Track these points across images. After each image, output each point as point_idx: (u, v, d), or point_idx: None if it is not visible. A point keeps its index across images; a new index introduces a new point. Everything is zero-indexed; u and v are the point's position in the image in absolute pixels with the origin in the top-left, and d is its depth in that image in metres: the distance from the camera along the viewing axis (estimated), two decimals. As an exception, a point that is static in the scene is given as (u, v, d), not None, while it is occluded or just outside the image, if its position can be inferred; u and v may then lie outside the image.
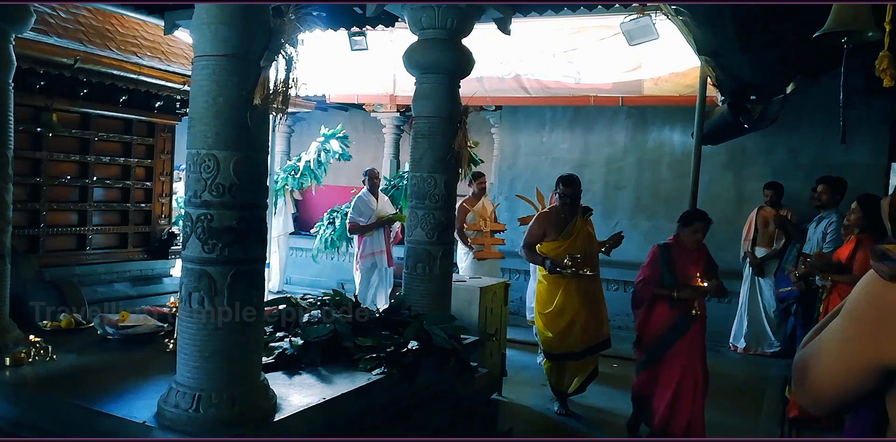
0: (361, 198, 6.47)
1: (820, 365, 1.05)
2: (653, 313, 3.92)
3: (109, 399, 2.46)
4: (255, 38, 2.23)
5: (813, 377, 1.06)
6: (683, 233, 3.92)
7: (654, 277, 3.89)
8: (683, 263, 3.87)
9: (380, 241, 6.48)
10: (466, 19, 3.55)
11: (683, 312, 3.83)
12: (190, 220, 2.24)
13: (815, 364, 1.06)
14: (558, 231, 4.42)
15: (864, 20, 2.85)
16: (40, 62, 4.04)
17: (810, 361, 1.07)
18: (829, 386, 1.04)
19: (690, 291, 3.79)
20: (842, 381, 1.02)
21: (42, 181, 4.57)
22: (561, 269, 4.27)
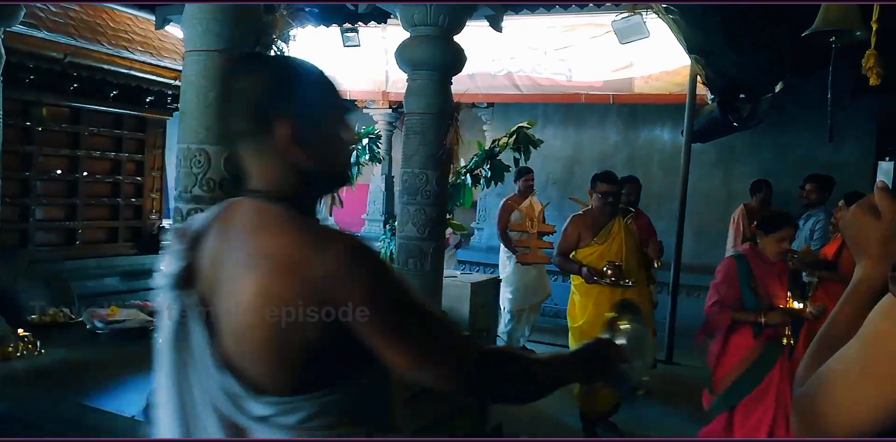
0: None
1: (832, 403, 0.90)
2: (730, 344, 3.16)
3: (99, 394, 2.47)
4: (246, 33, 2.24)
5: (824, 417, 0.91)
6: (766, 242, 3.18)
7: (732, 299, 3.12)
8: (766, 280, 3.14)
9: None
10: (458, 16, 3.56)
11: (771, 341, 3.11)
12: (181, 214, 2.24)
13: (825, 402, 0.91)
14: (593, 235, 3.93)
15: (853, 19, 2.89)
16: (30, 56, 4.02)
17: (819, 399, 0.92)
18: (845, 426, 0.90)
19: (781, 314, 3.04)
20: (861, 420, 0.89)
21: (32, 176, 4.55)
22: (599, 277, 3.79)
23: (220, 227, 1.12)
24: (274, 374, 1.04)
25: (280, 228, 1.05)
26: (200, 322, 1.08)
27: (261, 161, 1.10)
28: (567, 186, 7.48)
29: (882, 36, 2.54)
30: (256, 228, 1.06)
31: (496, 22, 3.90)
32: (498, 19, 3.89)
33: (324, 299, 1.01)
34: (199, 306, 1.09)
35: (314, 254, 1.01)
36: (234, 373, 1.05)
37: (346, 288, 1.00)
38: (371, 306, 1.01)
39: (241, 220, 1.09)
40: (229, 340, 1.06)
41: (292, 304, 1.01)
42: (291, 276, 1.01)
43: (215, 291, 1.08)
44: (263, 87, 1.07)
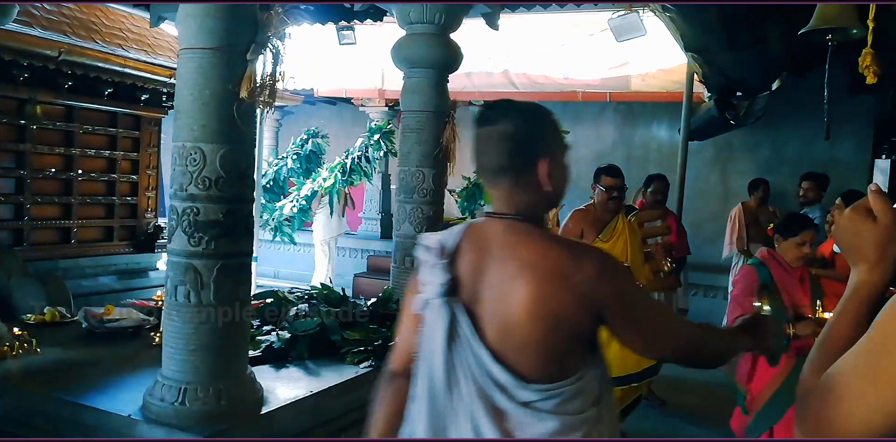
0: None
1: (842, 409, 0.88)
2: (760, 360, 2.92)
3: (94, 393, 2.46)
4: (241, 30, 2.22)
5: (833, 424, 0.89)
6: (785, 246, 3.00)
7: None
8: (789, 287, 2.92)
9: None
10: (455, 14, 3.55)
11: (801, 353, 2.73)
12: (176, 213, 2.23)
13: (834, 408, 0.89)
14: (596, 232, 3.71)
15: (849, 18, 2.89)
16: (24, 54, 3.99)
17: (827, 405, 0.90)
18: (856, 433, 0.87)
19: (812, 324, 2.75)
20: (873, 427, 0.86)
21: (26, 174, 4.52)
22: None
23: (472, 244, 1.34)
24: (542, 364, 1.25)
25: (541, 242, 1.30)
26: (468, 323, 1.28)
27: (515, 190, 1.33)
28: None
29: (878, 34, 2.55)
30: (518, 244, 1.30)
31: (492, 20, 3.89)
32: (494, 17, 3.87)
33: (584, 298, 1.25)
34: (465, 310, 1.29)
35: (575, 262, 1.26)
36: (505, 365, 1.24)
37: (604, 288, 1.25)
38: (623, 302, 1.28)
39: (497, 237, 1.32)
40: (500, 338, 1.26)
41: (560, 304, 1.24)
42: (559, 281, 1.24)
43: (479, 297, 1.30)
44: (526, 132, 1.31)
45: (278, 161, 7.86)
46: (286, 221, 7.45)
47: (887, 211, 1.01)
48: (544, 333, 1.24)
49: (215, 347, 2.23)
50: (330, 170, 7.38)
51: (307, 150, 7.70)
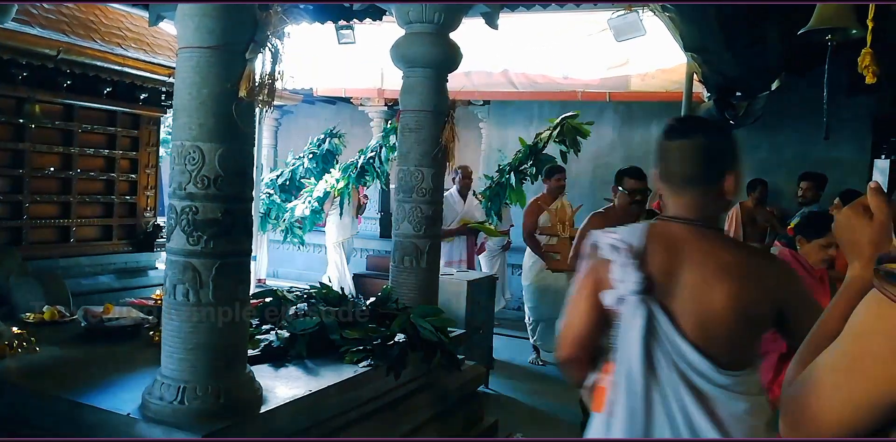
0: (446, 198, 5.24)
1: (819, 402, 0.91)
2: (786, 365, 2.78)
3: (93, 391, 2.46)
4: (240, 30, 2.22)
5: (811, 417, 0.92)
6: (809, 248, 2.89)
7: None
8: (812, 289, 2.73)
9: (460, 249, 5.60)
10: (454, 13, 3.55)
11: None
12: (175, 212, 2.23)
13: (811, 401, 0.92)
14: None
15: (848, 17, 2.89)
16: (23, 53, 3.98)
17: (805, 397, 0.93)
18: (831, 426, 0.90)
19: None
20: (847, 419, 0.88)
21: (25, 173, 4.52)
22: None
23: (660, 246, 1.49)
24: (736, 354, 1.44)
25: (734, 247, 1.52)
26: (666, 319, 1.44)
27: (704, 199, 1.50)
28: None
29: (877, 34, 2.55)
30: (713, 248, 1.48)
31: (492, 19, 3.89)
32: (494, 16, 3.87)
33: (773, 298, 1.46)
34: (660, 307, 1.45)
35: (767, 266, 1.49)
36: (703, 354, 1.42)
37: (788, 290, 1.48)
38: (802, 303, 1.48)
39: (689, 241, 1.49)
40: (699, 330, 1.43)
41: (754, 301, 1.43)
42: (754, 282, 1.45)
43: (673, 295, 1.46)
44: (718, 146, 1.49)
45: (295, 160, 7.71)
46: (297, 222, 7.34)
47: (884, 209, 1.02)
48: (740, 326, 1.43)
49: (214, 346, 2.23)
50: (343, 170, 7.15)
51: (324, 149, 7.57)
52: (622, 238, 1.50)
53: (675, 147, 1.51)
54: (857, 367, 0.87)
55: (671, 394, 1.43)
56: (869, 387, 0.86)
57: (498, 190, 6.18)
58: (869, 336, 0.87)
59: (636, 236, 1.50)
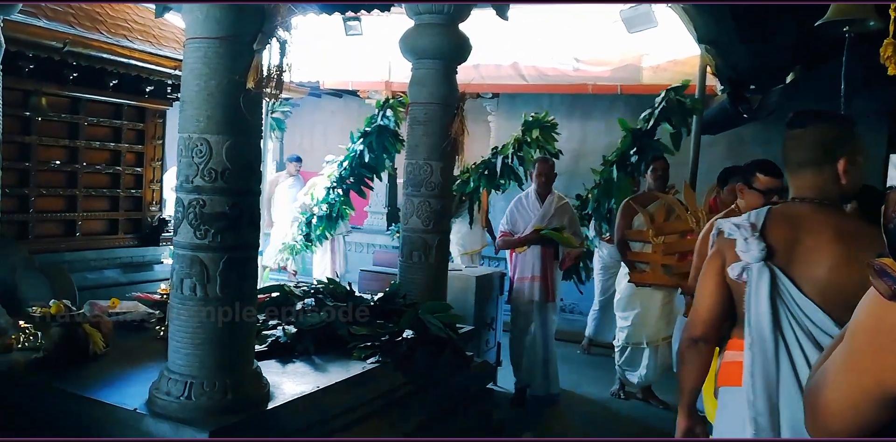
0: (519, 200, 4.59)
1: (826, 397, 0.96)
2: None
3: (100, 386, 2.44)
4: (247, 20, 2.18)
5: (821, 411, 0.97)
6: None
7: None
8: None
9: (534, 262, 4.42)
10: (464, 4, 3.50)
11: None
12: (182, 205, 2.20)
13: (822, 396, 0.97)
14: None
15: (865, 9, 2.83)
16: (29, 45, 3.95)
17: (818, 392, 0.99)
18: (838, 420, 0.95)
19: None
20: (850, 414, 0.93)
21: (31, 166, 4.49)
22: None
23: (779, 221, 1.69)
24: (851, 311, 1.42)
25: (851, 219, 1.70)
26: (788, 280, 1.63)
27: (818, 180, 1.69)
28: (572, 179, 7.39)
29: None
30: (828, 219, 1.65)
31: (502, 10, 3.83)
32: (504, 7, 3.82)
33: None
34: (781, 271, 1.64)
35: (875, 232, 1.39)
36: (825, 310, 1.58)
37: None
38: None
39: (807, 215, 1.68)
40: (818, 289, 1.60)
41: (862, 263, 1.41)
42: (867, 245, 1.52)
43: (794, 260, 1.64)
44: (831, 134, 1.68)
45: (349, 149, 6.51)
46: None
47: None
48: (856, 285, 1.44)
49: (221, 342, 2.20)
50: (474, 170, 5.95)
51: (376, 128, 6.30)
52: (745, 219, 1.72)
53: (792, 135, 1.72)
54: (853, 362, 0.93)
55: (797, 351, 1.59)
56: (864, 381, 0.89)
57: (607, 189, 5.09)
58: (863, 331, 0.92)
59: (757, 216, 1.72)
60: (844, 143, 1.67)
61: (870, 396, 0.89)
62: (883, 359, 0.86)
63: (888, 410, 0.88)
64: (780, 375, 1.61)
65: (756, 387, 1.64)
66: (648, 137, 4.99)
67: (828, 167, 1.67)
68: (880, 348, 0.87)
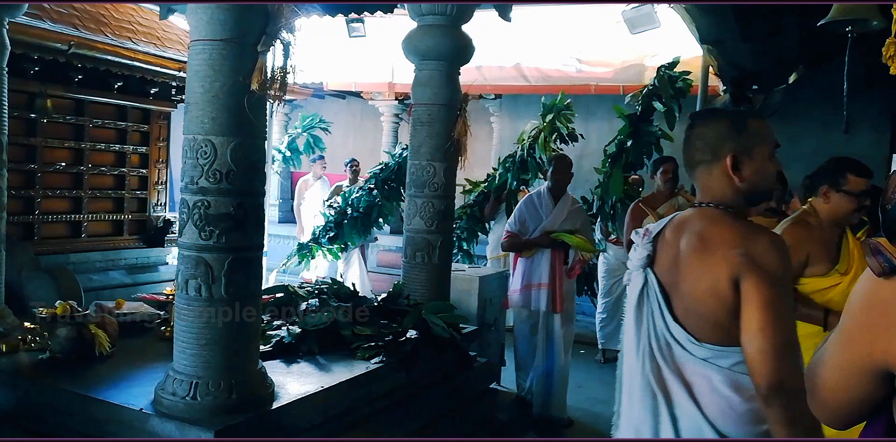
0: (530, 198, 4.19)
1: (825, 372, 1.00)
2: None
3: (106, 386, 2.45)
4: (251, 22, 2.20)
5: (820, 387, 1.01)
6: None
7: None
8: None
9: (542, 267, 4.03)
10: (467, 6, 3.51)
11: None
12: (187, 206, 2.21)
13: (821, 372, 1.01)
14: (829, 256, 2.53)
15: (868, 8, 2.83)
16: (34, 47, 3.98)
17: (816, 370, 1.03)
18: (835, 394, 0.99)
19: None
20: (844, 387, 0.97)
21: (36, 168, 4.52)
22: None
23: (672, 227, 1.60)
24: (709, 328, 1.47)
25: (721, 222, 1.51)
26: (657, 287, 1.56)
27: (707, 181, 1.58)
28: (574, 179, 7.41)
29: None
30: (702, 225, 1.53)
31: (505, 11, 3.84)
32: (507, 9, 3.83)
33: (732, 273, 1.41)
34: (655, 277, 1.58)
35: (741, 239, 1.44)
36: (683, 325, 1.50)
37: (749, 268, 1.40)
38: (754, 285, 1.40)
39: (694, 220, 1.56)
40: (680, 302, 1.52)
41: (716, 276, 1.43)
42: (722, 253, 1.44)
43: (671, 269, 1.56)
44: (712, 131, 1.56)
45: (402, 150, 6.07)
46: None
47: None
48: (709, 301, 1.45)
49: (226, 342, 2.21)
50: (501, 163, 5.63)
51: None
52: (651, 226, 1.65)
53: (686, 136, 1.62)
54: (847, 337, 0.96)
55: (646, 357, 1.54)
56: (856, 355, 0.93)
57: (607, 185, 4.75)
58: (856, 308, 0.95)
59: (661, 222, 1.65)
60: (730, 139, 1.53)
61: (861, 369, 0.91)
62: (873, 332, 0.89)
63: (878, 385, 0.91)
64: (640, 380, 1.58)
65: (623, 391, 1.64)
66: (643, 121, 4.71)
67: (717, 167, 1.54)
68: (871, 323, 0.90)
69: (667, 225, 1.63)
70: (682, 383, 1.49)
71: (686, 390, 1.48)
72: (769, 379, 1.34)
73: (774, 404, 1.34)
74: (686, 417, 1.48)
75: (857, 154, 6.57)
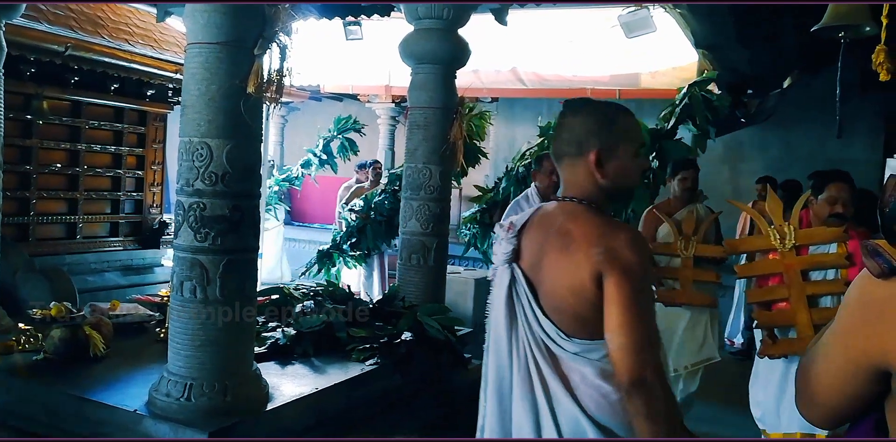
0: (518, 202, 4.08)
1: (817, 370, 1.00)
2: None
3: (100, 387, 2.45)
4: (248, 25, 2.21)
5: (812, 384, 1.01)
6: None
7: None
8: None
9: None
10: (463, 9, 3.53)
11: None
12: (182, 208, 2.22)
13: (812, 370, 1.01)
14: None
15: (861, 14, 2.85)
16: (31, 49, 3.99)
17: (809, 367, 1.03)
18: (827, 392, 0.98)
19: None
20: (838, 385, 0.96)
21: (32, 169, 4.53)
22: None
23: (537, 222, 1.58)
24: (579, 323, 1.47)
25: (582, 218, 1.50)
26: (525, 284, 1.54)
27: (572, 176, 1.56)
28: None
29: (892, 31, 2.51)
30: (564, 219, 1.52)
31: (501, 15, 3.86)
32: (503, 13, 3.85)
33: (595, 269, 1.41)
34: (524, 275, 1.54)
35: (602, 235, 1.44)
36: (553, 320, 1.49)
37: (611, 262, 1.40)
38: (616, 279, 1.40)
39: (556, 215, 1.55)
40: (548, 298, 1.51)
41: (579, 272, 1.43)
42: (583, 250, 1.43)
43: (538, 264, 1.54)
44: (583, 126, 1.52)
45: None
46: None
47: None
48: (574, 296, 1.45)
49: (221, 343, 2.22)
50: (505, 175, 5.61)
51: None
52: (514, 219, 1.62)
53: (556, 126, 1.62)
54: (842, 334, 0.96)
55: (526, 354, 1.52)
56: (851, 352, 0.93)
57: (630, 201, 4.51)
58: (853, 306, 0.96)
59: (524, 216, 1.63)
60: (596, 134, 1.50)
61: (855, 366, 0.92)
62: (869, 330, 0.91)
63: (872, 383, 0.92)
64: (512, 380, 1.55)
65: (488, 389, 1.61)
66: (669, 139, 4.46)
67: (581, 161, 1.52)
68: (867, 321, 0.91)
69: (530, 218, 1.61)
70: (558, 378, 1.48)
71: (563, 385, 1.48)
72: (630, 374, 1.36)
73: (636, 398, 1.36)
74: (564, 413, 1.48)
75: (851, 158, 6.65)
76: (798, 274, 2.96)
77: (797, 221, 3.10)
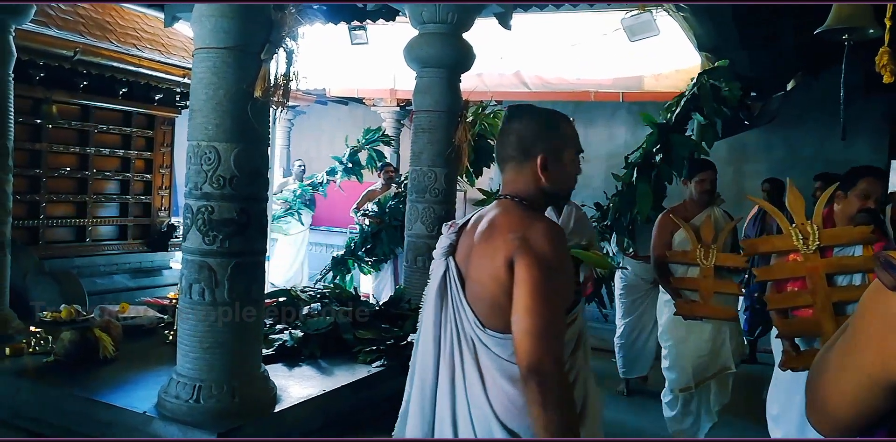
0: None
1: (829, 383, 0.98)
2: None
3: (109, 389, 2.48)
4: (255, 30, 2.23)
5: (824, 397, 0.98)
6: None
7: None
8: None
9: None
10: (467, 14, 3.55)
11: None
12: (190, 211, 2.25)
13: (824, 382, 0.99)
14: None
15: (865, 17, 2.86)
16: (40, 54, 4.03)
17: (820, 379, 1.00)
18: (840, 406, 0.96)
19: None
20: (850, 399, 0.94)
21: (42, 173, 4.57)
22: None
23: (476, 219, 1.64)
24: (495, 316, 1.50)
25: (511, 212, 1.56)
26: (456, 275, 1.59)
27: (514, 177, 1.61)
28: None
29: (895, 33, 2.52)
30: (496, 213, 1.58)
31: (505, 19, 3.88)
32: (507, 17, 3.87)
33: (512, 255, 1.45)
34: (456, 267, 1.60)
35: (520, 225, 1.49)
36: (474, 310, 1.54)
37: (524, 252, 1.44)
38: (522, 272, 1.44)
39: (491, 210, 1.61)
40: (471, 290, 1.56)
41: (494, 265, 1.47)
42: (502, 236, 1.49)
43: (465, 257, 1.60)
44: (528, 131, 1.58)
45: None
46: None
47: None
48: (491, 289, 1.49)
49: (229, 346, 2.24)
50: None
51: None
52: (458, 219, 1.72)
53: (500, 131, 1.66)
54: (857, 348, 0.94)
55: (452, 343, 1.56)
56: (868, 367, 0.91)
57: (630, 197, 4.27)
58: (868, 319, 0.93)
59: (468, 215, 1.71)
60: (543, 139, 1.57)
61: (873, 380, 0.90)
62: (886, 344, 0.89)
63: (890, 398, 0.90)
64: (438, 373, 1.58)
65: (414, 376, 1.65)
66: (676, 132, 4.14)
67: (527, 165, 1.57)
68: (884, 335, 0.90)
69: (471, 217, 1.67)
70: (478, 374, 1.50)
71: (480, 379, 1.50)
72: (529, 358, 1.38)
73: (531, 384, 1.37)
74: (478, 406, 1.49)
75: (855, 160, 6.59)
76: (823, 278, 2.67)
77: (820, 220, 2.82)
